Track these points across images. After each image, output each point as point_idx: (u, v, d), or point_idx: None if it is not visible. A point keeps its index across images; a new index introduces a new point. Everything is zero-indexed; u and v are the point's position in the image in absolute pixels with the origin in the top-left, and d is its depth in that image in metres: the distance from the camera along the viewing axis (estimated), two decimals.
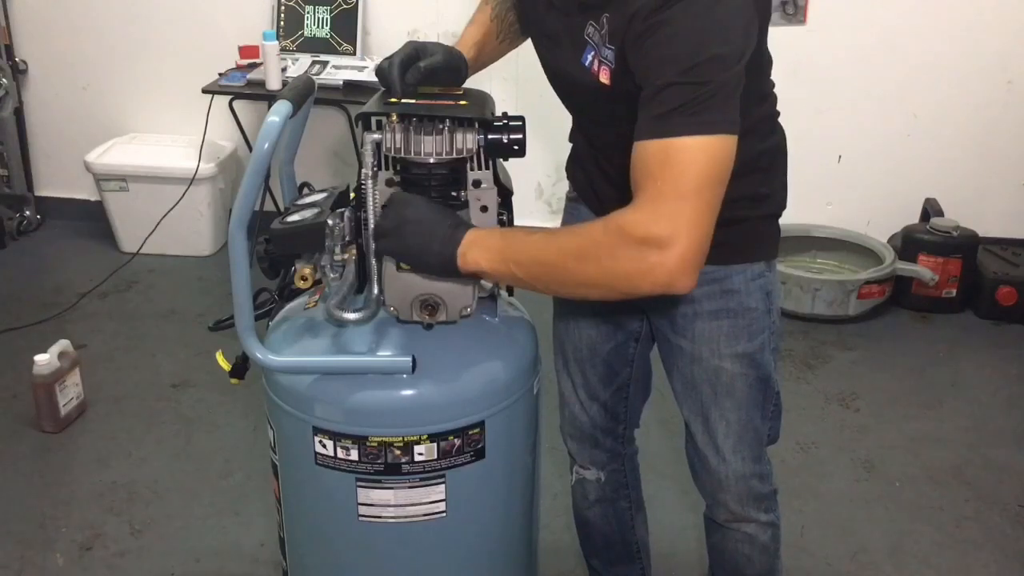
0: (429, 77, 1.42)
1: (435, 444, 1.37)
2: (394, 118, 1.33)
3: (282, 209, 1.47)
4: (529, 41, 1.54)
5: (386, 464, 1.37)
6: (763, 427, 1.60)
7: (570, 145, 1.67)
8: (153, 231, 3.77)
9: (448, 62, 1.46)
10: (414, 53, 1.43)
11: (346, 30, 3.69)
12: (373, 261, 1.38)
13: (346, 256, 1.40)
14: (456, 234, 1.27)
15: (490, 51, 1.62)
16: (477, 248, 1.26)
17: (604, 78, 1.31)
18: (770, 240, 1.54)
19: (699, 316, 1.51)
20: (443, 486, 1.40)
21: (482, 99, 1.42)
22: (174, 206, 3.72)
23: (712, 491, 1.64)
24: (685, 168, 1.16)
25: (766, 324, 1.54)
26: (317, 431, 1.38)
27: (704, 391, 1.56)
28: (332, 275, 1.39)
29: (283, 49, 3.67)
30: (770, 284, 1.54)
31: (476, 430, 1.39)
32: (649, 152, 1.18)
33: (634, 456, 1.87)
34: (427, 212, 1.29)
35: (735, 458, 1.59)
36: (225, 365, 1.49)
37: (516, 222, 1.46)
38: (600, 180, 1.55)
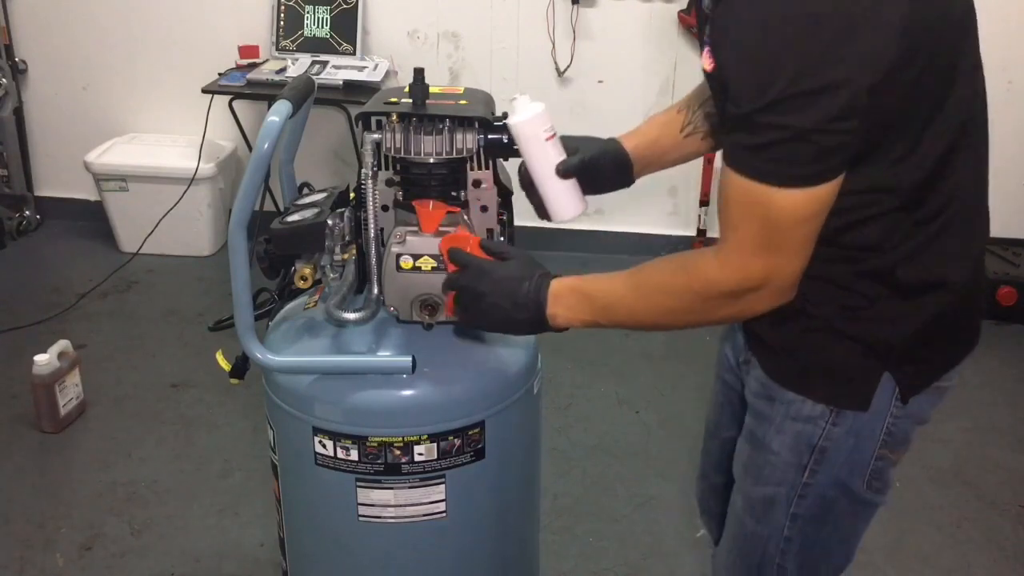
0: (588, 169, 1.35)
1: (435, 444, 1.37)
2: (394, 118, 1.33)
3: (282, 209, 1.47)
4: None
5: (386, 464, 1.37)
6: None
7: None
8: (153, 231, 3.76)
9: (604, 151, 1.38)
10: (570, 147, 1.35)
11: (346, 30, 3.68)
12: (373, 261, 1.38)
13: (346, 256, 1.40)
14: (539, 297, 1.19)
15: (667, 145, 1.42)
16: (565, 310, 1.19)
17: (706, 62, 1.04)
18: (851, 382, 1.16)
19: (744, 431, 1.30)
20: (443, 486, 1.40)
21: (482, 99, 1.42)
22: (174, 206, 3.71)
23: None
24: (771, 221, 0.99)
25: (788, 480, 1.21)
26: (317, 431, 1.38)
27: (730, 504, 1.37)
28: (332, 275, 1.39)
29: (283, 49, 3.68)
30: (823, 440, 1.17)
31: (476, 430, 1.39)
32: (733, 187, 1.01)
33: None
34: (500, 283, 1.22)
35: None
36: (225, 365, 1.49)
37: (516, 222, 1.46)
38: None
